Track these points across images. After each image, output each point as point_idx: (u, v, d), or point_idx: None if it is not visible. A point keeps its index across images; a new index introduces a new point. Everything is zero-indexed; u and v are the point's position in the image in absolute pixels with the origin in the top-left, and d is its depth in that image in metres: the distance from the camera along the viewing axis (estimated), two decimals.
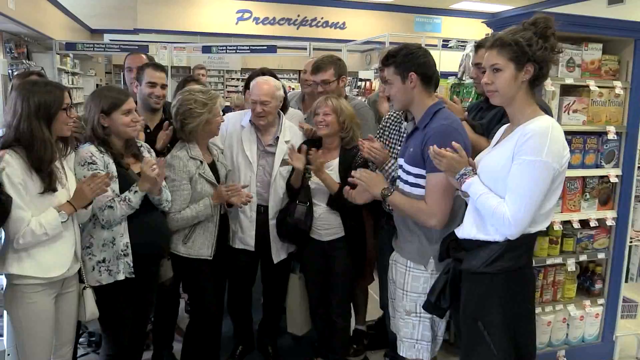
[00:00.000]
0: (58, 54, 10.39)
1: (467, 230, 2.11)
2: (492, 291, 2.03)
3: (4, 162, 2.18)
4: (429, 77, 2.37)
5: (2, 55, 8.78)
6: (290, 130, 3.28)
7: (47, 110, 2.26)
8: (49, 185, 2.27)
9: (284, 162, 3.17)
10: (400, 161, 2.50)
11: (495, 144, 2.15)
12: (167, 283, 3.00)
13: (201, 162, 2.92)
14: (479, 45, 2.84)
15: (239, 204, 2.94)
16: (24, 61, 9.17)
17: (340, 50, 10.05)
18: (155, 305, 3.13)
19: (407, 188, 2.41)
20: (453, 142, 2.14)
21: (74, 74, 11.98)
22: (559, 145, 1.95)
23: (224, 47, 10.57)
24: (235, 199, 2.91)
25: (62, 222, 2.29)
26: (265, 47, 10.42)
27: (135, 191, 2.57)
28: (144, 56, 4.00)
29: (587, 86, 3.17)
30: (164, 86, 3.24)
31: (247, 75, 3.79)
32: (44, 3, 9.89)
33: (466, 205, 2.21)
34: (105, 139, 2.58)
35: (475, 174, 2.09)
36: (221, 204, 2.96)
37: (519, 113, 2.05)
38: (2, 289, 2.62)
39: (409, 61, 2.33)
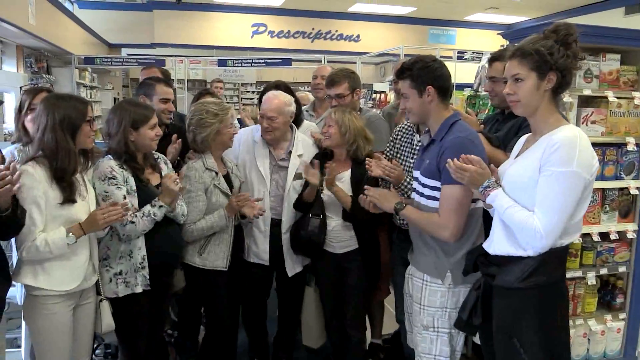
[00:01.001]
0: (77, 68, 10.55)
1: (498, 246, 2.08)
2: (526, 307, 1.99)
3: (25, 173, 2.21)
4: (446, 89, 2.35)
5: (23, 70, 8.94)
6: (303, 144, 3.28)
7: (71, 122, 2.31)
8: (69, 195, 2.31)
9: (297, 176, 3.17)
10: (416, 173, 2.48)
11: (517, 155, 2.12)
12: (179, 292, 3.02)
13: (216, 173, 2.94)
14: (493, 59, 2.82)
15: (251, 215, 2.94)
16: (43, 75, 9.33)
17: (354, 62, 10.07)
18: (178, 318, 3.13)
19: (423, 201, 2.39)
20: (470, 155, 2.10)
21: (92, 87, 12.16)
22: (588, 155, 1.92)
23: (240, 60, 10.66)
24: (247, 210, 2.92)
25: (69, 244, 2.30)
26: (280, 60, 10.49)
27: (161, 205, 2.60)
28: (157, 70, 4.06)
29: (606, 97, 3.12)
30: (173, 102, 3.32)
31: (262, 88, 3.82)
32: (64, 19, 10.06)
33: (485, 217, 2.18)
34: (132, 153, 2.61)
35: (499, 185, 2.06)
36: (236, 216, 2.96)
37: (542, 123, 2.02)
38: (21, 299, 2.64)
39: (425, 74, 2.32)
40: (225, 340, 3.04)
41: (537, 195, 1.92)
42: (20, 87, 3.90)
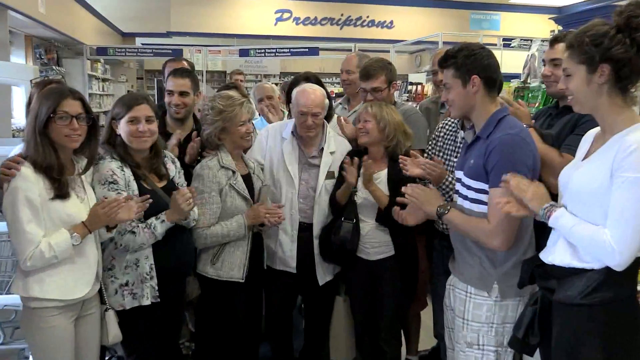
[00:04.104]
0: (89, 59, 10.76)
1: (559, 256, 2.02)
2: (591, 325, 1.94)
3: (17, 174, 2.25)
4: (493, 80, 2.32)
5: (32, 62, 9.14)
6: (336, 140, 3.28)
7: (40, 117, 2.31)
8: (58, 190, 2.31)
9: (329, 175, 3.17)
10: (459, 174, 2.45)
11: (584, 157, 2.06)
12: (194, 301, 3.02)
13: (233, 172, 2.94)
14: (556, 40, 2.75)
15: (269, 224, 2.94)
16: (53, 67, 9.53)
17: (387, 51, 10.05)
18: (195, 329, 3.15)
19: (466, 204, 2.36)
20: (518, 175, 2.06)
21: (104, 80, 12.40)
22: None
23: (262, 50, 10.73)
24: (267, 219, 2.92)
25: (74, 244, 2.31)
26: (307, 50, 10.53)
27: (163, 220, 2.60)
28: (185, 62, 4.10)
29: None
30: (184, 93, 3.29)
31: (286, 80, 3.83)
32: (75, 6, 10.27)
33: (538, 224, 2.14)
34: (123, 150, 2.62)
35: (562, 206, 2.01)
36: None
37: (609, 121, 1.96)
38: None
39: (471, 63, 2.29)
40: (244, 358, 3.04)
41: (610, 205, 1.84)
42: (31, 81, 3.97)
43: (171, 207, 2.61)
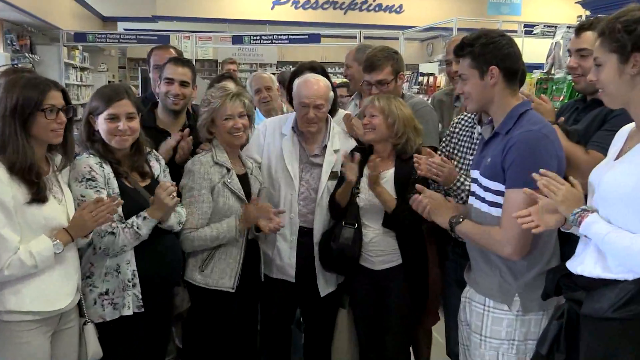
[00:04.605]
0: (65, 46, 10.76)
1: (588, 267, 2.02)
2: (623, 341, 1.93)
3: None
4: (514, 71, 2.32)
5: (2, 49, 9.11)
6: (340, 137, 3.29)
7: (21, 111, 2.28)
8: (36, 194, 2.30)
9: (332, 176, 3.18)
10: (475, 174, 2.45)
11: (617, 157, 2.06)
12: (184, 314, 3.02)
13: (228, 170, 2.95)
14: (582, 27, 2.75)
15: (266, 230, 2.94)
16: (26, 55, 9.52)
17: (396, 38, 10.07)
18: (183, 345, 3.14)
19: (484, 207, 2.36)
20: (571, 178, 2.04)
21: (82, 69, 12.40)
22: None
23: (258, 37, 10.73)
24: (262, 222, 2.92)
25: (56, 253, 2.31)
26: (307, 36, 10.53)
27: (145, 217, 2.60)
28: (173, 50, 4.10)
29: None
30: (184, 83, 3.29)
31: (284, 70, 3.84)
32: None
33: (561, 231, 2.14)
34: (102, 147, 2.62)
35: (594, 211, 2.00)
36: (250, 228, 2.97)
37: None
38: None
39: (490, 52, 2.28)
40: None
41: None
42: None
43: (154, 203, 2.62)
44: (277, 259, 3.20)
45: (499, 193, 2.28)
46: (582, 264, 2.04)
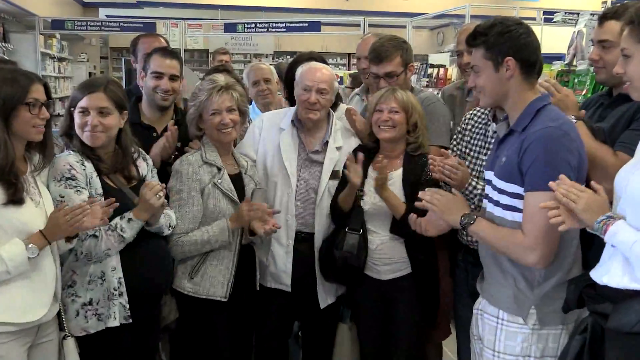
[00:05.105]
0: (42, 34, 10.74)
1: (615, 277, 2.02)
2: None
3: None
4: (532, 63, 2.32)
5: None
6: (343, 134, 3.30)
7: (3, 104, 2.30)
8: (13, 195, 2.31)
9: (334, 175, 3.18)
10: (489, 175, 2.46)
11: None
12: (171, 326, 3.04)
13: (219, 169, 2.96)
14: (606, 16, 2.76)
15: (261, 232, 2.94)
16: None
17: (403, 26, 10.05)
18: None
19: (497, 211, 2.37)
20: (593, 183, 2.05)
21: (61, 59, 12.37)
22: None
23: (253, 25, 10.72)
24: (256, 224, 2.92)
25: (30, 257, 2.31)
26: (306, 24, 10.51)
27: (130, 219, 2.60)
28: (162, 39, 4.10)
29: None
30: (174, 77, 3.29)
31: (281, 60, 3.85)
32: None
33: (586, 235, 2.14)
34: (80, 142, 2.64)
35: (620, 218, 2.01)
36: (243, 232, 2.98)
37: None
38: None
39: (505, 42, 2.28)
40: None
41: None
42: None
43: (140, 203, 2.62)
44: (272, 266, 3.20)
45: (516, 196, 2.28)
46: (608, 273, 2.04)
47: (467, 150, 3.02)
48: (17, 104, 2.32)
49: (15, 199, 2.32)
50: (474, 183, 2.76)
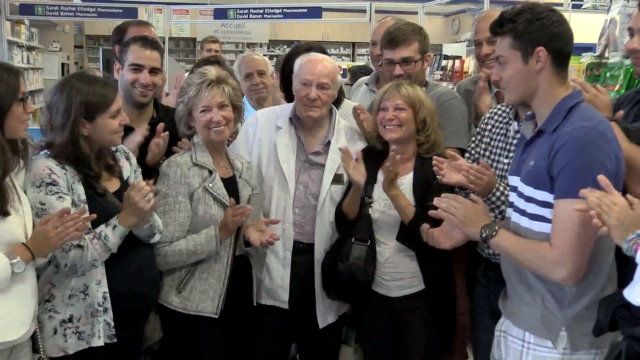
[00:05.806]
0: (8, 19, 10.73)
1: None
2: None
3: None
4: (565, 55, 2.32)
5: None
6: (347, 133, 3.31)
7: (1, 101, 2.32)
8: (1, 206, 2.33)
9: (337, 179, 3.18)
10: (514, 181, 2.46)
11: None
12: (154, 347, 3.06)
13: (210, 172, 2.96)
14: None
15: (257, 243, 2.94)
16: None
17: (415, 13, 10.05)
18: None
19: (524, 222, 2.37)
20: (629, 196, 2.03)
21: (30, 48, 12.35)
22: None
23: (245, 11, 10.72)
24: (253, 234, 2.93)
25: (16, 272, 2.31)
26: (305, 10, 10.51)
27: (115, 225, 2.60)
28: (152, 29, 4.09)
29: None
30: (155, 70, 3.29)
31: (277, 51, 3.86)
32: None
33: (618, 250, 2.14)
34: (84, 154, 2.63)
35: None
36: (237, 242, 2.99)
37: None
38: None
39: (537, 30, 2.28)
40: None
41: None
42: None
43: (126, 207, 2.62)
44: (267, 280, 3.21)
45: (545, 204, 2.28)
46: None
47: (487, 153, 3.03)
48: (11, 101, 2.34)
49: (1, 211, 2.34)
50: (501, 189, 2.74)
